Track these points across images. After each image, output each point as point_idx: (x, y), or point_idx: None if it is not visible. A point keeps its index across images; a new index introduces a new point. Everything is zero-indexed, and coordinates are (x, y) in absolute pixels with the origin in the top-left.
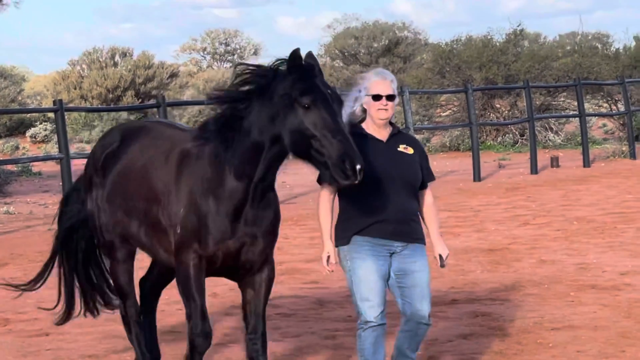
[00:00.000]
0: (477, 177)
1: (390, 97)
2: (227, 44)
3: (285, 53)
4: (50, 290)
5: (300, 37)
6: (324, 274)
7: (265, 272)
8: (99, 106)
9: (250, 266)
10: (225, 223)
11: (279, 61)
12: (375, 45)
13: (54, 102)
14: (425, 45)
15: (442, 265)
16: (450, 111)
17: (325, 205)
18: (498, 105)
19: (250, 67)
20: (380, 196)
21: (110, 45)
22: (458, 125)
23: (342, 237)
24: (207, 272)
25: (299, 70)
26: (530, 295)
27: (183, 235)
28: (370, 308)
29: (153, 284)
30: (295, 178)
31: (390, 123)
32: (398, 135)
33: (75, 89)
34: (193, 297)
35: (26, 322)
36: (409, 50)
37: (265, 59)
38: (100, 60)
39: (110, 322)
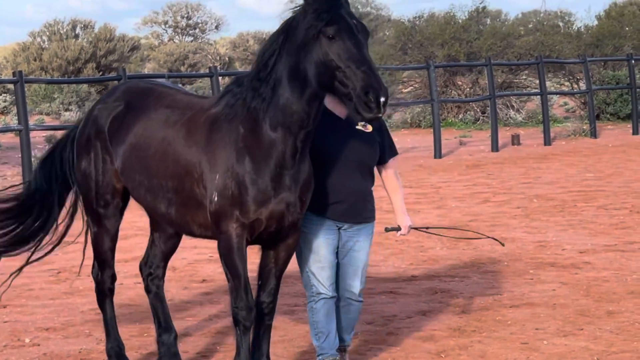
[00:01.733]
0: (438, 154)
1: None
2: (189, 18)
3: (247, 28)
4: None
5: (262, 12)
6: None
7: (291, 238)
8: (60, 78)
9: (289, 229)
10: (267, 182)
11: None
12: None
13: (14, 74)
14: (388, 22)
15: (400, 234)
16: (412, 88)
17: None
18: (460, 83)
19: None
20: (333, 177)
21: (71, 17)
22: (419, 102)
23: None
24: (250, 239)
25: (323, 2)
26: (490, 273)
27: (221, 203)
28: (320, 281)
29: (159, 260)
30: None
31: None
32: None
33: (35, 60)
34: (236, 270)
35: None
36: (371, 26)
37: (226, 33)
38: (61, 32)
39: (69, 295)
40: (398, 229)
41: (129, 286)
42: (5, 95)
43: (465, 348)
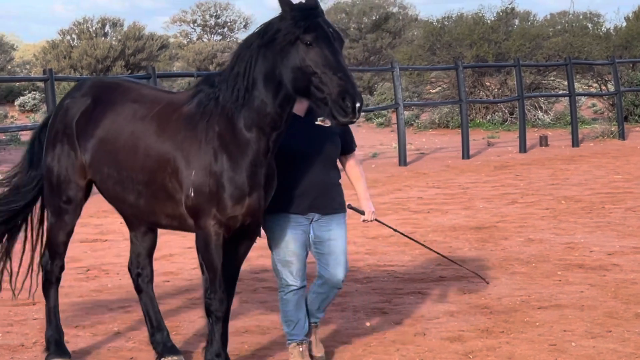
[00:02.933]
0: (465, 154)
1: None
2: (217, 17)
3: None
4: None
5: None
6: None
7: (253, 233)
8: (89, 76)
9: (258, 224)
10: (243, 180)
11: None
12: (366, 20)
13: (44, 71)
14: (416, 22)
15: (364, 220)
16: (440, 88)
17: None
18: (488, 84)
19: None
20: (298, 172)
21: (100, 16)
22: (448, 102)
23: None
24: (226, 235)
25: (302, 10)
26: (518, 274)
27: (198, 199)
28: (290, 273)
29: (142, 258)
30: None
31: None
32: None
33: (64, 58)
34: (213, 265)
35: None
36: (398, 25)
37: None
38: (91, 30)
39: (97, 292)
40: (362, 212)
41: (158, 284)
42: (34, 93)
43: (493, 349)
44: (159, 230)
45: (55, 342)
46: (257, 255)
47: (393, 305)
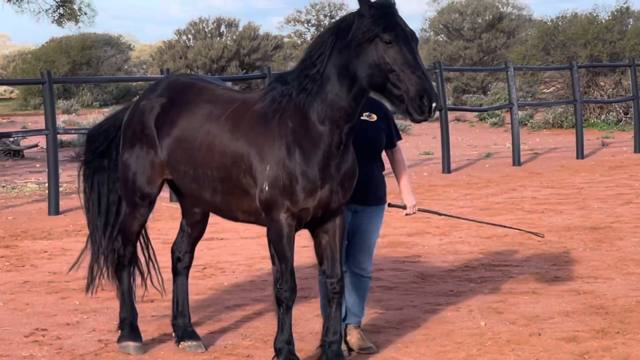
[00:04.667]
0: (580, 154)
1: None
2: (332, 17)
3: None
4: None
5: (405, 10)
6: None
7: (338, 217)
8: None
9: (331, 214)
10: (315, 173)
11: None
12: (480, 20)
13: (161, 71)
14: (530, 21)
15: (407, 214)
16: (554, 88)
17: None
18: (602, 83)
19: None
20: None
21: (216, 16)
22: (562, 102)
23: None
24: (298, 227)
25: (381, 8)
26: (633, 274)
27: (272, 193)
28: None
29: (187, 245)
30: None
31: None
32: None
33: (180, 58)
34: (285, 256)
35: None
36: (512, 25)
37: None
38: (206, 30)
39: (214, 290)
40: (404, 207)
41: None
42: None
43: (609, 350)
44: None
45: (129, 324)
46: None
47: (508, 305)
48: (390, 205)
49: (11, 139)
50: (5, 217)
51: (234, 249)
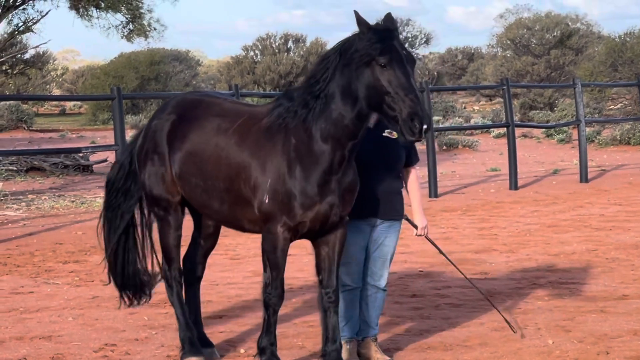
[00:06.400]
0: None
1: None
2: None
3: (455, 43)
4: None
5: (470, 27)
6: None
7: (339, 230)
8: (273, 92)
9: (332, 227)
10: (314, 189)
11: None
12: (548, 36)
13: (230, 87)
14: (598, 38)
15: (417, 235)
16: (621, 104)
17: None
18: None
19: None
20: (365, 180)
21: (283, 32)
22: (630, 119)
23: None
24: (293, 239)
25: (379, 32)
26: None
27: (272, 206)
28: (347, 273)
29: (199, 257)
30: (465, 168)
31: None
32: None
33: (248, 74)
34: (277, 267)
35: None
36: (581, 42)
37: (435, 48)
38: (274, 46)
39: (282, 306)
40: (415, 227)
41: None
42: None
43: None
44: None
45: (189, 340)
46: (439, 271)
47: (576, 323)
48: (405, 218)
49: (80, 154)
50: (75, 232)
51: (301, 265)
